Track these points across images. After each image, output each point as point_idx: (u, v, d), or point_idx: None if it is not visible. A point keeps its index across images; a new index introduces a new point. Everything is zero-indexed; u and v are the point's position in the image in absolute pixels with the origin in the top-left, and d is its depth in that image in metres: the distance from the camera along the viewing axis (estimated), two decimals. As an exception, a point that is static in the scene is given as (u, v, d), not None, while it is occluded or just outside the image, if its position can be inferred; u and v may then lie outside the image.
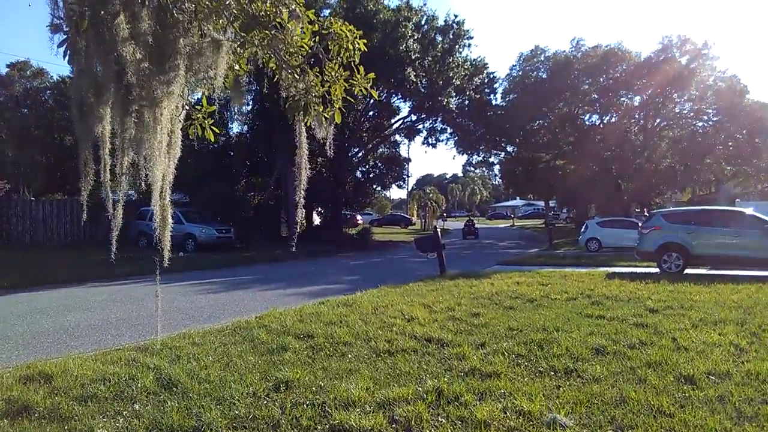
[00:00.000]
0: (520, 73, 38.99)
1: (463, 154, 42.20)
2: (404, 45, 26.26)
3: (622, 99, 37.66)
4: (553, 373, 5.38)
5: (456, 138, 37.97)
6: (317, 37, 4.37)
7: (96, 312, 9.79)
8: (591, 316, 8.20)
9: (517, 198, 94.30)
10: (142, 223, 21.35)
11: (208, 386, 4.96)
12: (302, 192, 4.36)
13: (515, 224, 64.90)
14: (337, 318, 8.05)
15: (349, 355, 6.06)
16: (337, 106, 4.46)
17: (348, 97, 4.57)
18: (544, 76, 37.73)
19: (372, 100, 30.98)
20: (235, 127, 30.84)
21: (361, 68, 4.48)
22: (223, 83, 4.03)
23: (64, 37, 3.45)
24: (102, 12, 2.90)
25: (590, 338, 6.67)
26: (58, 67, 67.18)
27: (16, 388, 4.84)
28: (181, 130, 4.33)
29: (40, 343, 7.39)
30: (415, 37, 27.64)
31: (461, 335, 7.00)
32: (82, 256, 18.47)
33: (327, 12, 26.98)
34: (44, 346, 7.21)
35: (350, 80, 4.54)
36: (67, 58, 3.51)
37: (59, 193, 31.58)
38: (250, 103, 29.31)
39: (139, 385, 4.94)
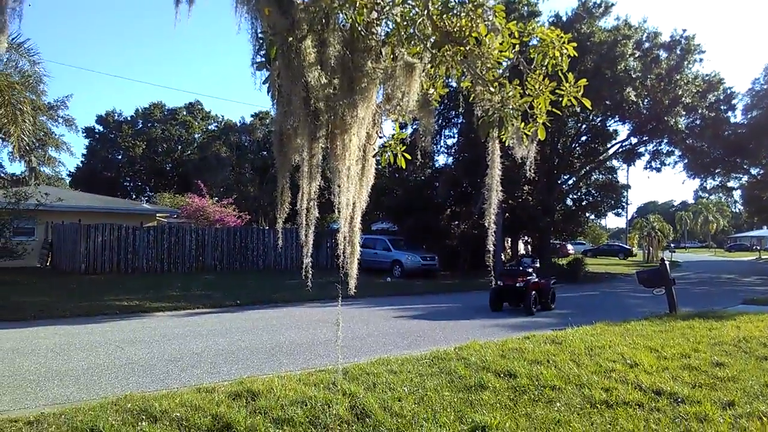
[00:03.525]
0: (765, 87, 33.56)
1: (694, 178, 37.24)
2: (623, 64, 24.23)
3: None
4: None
5: (686, 161, 33.84)
6: (516, 47, 3.96)
7: (308, 331, 10.47)
8: None
9: (764, 227, 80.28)
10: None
11: (400, 421, 4.75)
12: (492, 216, 3.92)
13: (762, 257, 55.10)
14: (543, 356, 7.31)
15: (558, 403, 5.36)
16: (541, 121, 3.97)
17: (554, 110, 4.04)
18: (795, 86, 32.05)
19: (584, 125, 29.12)
20: (441, 159, 31.57)
21: (570, 75, 3.93)
22: (414, 105, 3.84)
23: (267, 74, 3.61)
24: (290, 39, 2.93)
25: None
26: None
27: (224, 404, 5.17)
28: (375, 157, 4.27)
29: (257, 358, 8.05)
30: (636, 56, 25.39)
31: (701, 390, 5.82)
32: (300, 278, 20.25)
33: (535, 41, 26.11)
34: (260, 362, 7.82)
35: (557, 91, 4.02)
36: (270, 93, 3.66)
37: (290, 222, 35.92)
38: (455, 135, 29.83)
39: (333, 412, 4.94)
